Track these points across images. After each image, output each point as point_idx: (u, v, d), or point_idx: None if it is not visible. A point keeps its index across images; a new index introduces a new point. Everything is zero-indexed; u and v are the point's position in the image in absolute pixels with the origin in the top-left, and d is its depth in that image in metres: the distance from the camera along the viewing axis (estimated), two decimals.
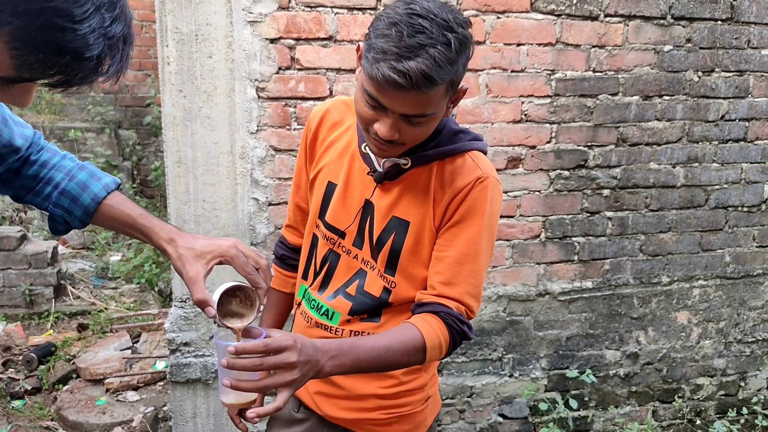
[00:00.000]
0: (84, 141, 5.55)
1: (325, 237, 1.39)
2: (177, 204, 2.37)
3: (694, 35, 2.74)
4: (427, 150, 1.26)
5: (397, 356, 1.18)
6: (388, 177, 1.30)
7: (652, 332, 2.96)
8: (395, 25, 1.06)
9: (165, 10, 2.23)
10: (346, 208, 1.35)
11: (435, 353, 1.22)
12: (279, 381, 1.03)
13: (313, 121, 1.42)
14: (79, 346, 3.54)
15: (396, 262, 1.31)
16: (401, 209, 1.29)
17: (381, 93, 1.10)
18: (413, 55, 1.04)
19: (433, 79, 1.05)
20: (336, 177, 1.36)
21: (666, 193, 2.86)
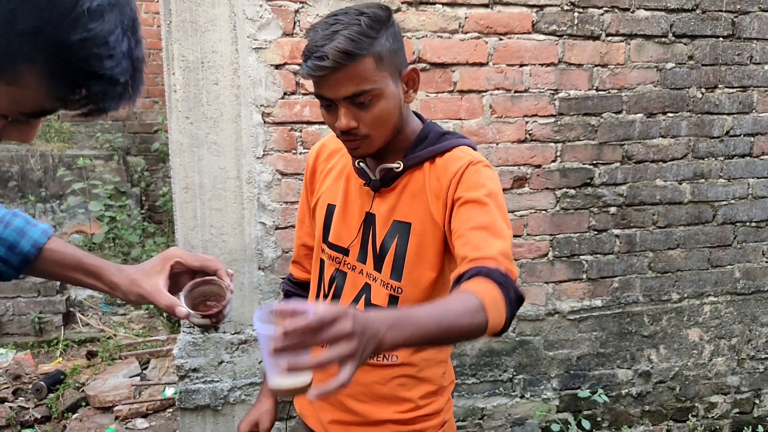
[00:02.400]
0: (93, 168, 5.60)
1: (331, 258, 1.40)
2: (185, 230, 2.38)
3: (696, 52, 2.75)
4: (417, 152, 1.31)
5: (458, 318, 1.01)
6: (384, 184, 1.33)
7: (663, 350, 2.93)
8: (313, 28, 1.20)
9: (171, 38, 2.26)
10: (347, 224, 1.37)
11: (495, 314, 1.05)
12: (339, 354, 0.88)
13: (310, 157, 1.50)
14: (88, 373, 3.53)
15: (402, 266, 1.31)
16: (401, 212, 1.32)
17: (319, 87, 1.20)
18: (329, 41, 1.15)
19: (350, 52, 1.14)
20: (334, 198, 1.40)
21: (673, 210, 2.85)
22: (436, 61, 2.49)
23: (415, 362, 1.37)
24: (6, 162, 5.61)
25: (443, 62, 2.50)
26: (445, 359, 1.44)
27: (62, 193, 5.57)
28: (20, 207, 5.59)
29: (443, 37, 2.48)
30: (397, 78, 1.25)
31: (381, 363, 1.35)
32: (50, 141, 5.84)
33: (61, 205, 5.48)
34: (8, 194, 5.64)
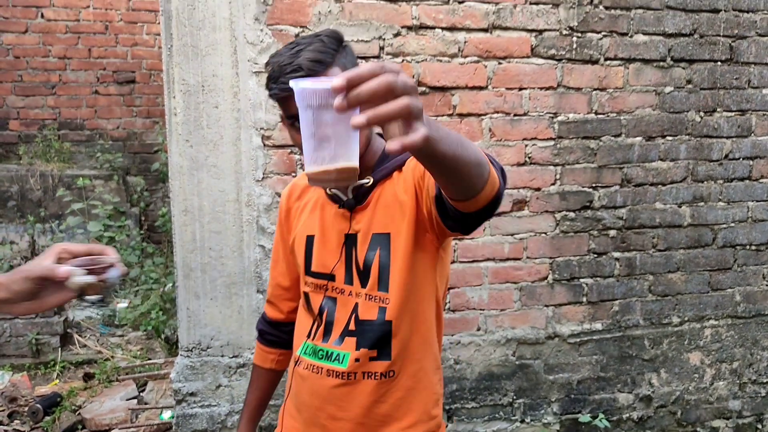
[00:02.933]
0: (92, 188, 5.60)
1: (316, 287, 1.40)
2: (183, 252, 2.37)
3: (694, 76, 2.77)
4: (383, 165, 1.34)
5: (469, 145, 0.95)
6: (358, 202, 1.34)
7: (664, 374, 2.91)
8: (275, 55, 1.24)
9: (172, 62, 2.27)
10: (328, 250, 1.37)
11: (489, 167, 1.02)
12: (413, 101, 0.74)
13: (283, 198, 1.52)
14: (84, 395, 3.50)
15: (387, 276, 1.31)
16: (378, 225, 1.33)
17: (293, 105, 1.14)
18: (296, 57, 1.19)
19: (320, 60, 1.19)
20: (312, 229, 1.41)
21: (673, 233, 2.85)
22: (436, 85, 2.50)
23: (414, 371, 1.36)
24: (5, 182, 5.62)
25: (443, 86, 2.51)
26: (439, 365, 1.44)
27: (61, 213, 5.56)
28: (19, 227, 5.59)
29: (443, 61, 2.50)
30: None
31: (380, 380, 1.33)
32: (50, 161, 5.84)
33: (60, 225, 5.47)
34: (7, 214, 5.63)
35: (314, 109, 0.80)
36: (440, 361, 1.45)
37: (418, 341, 1.36)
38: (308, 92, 0.80)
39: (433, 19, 2.47)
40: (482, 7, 2.50)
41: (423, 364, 1.38)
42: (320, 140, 0.81)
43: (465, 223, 1.12)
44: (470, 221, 1.11)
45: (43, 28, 5.98)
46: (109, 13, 6.10)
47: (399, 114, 0.73)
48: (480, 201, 1.04)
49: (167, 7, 2.26)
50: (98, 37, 6.12)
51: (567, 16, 2.59)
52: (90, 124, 6.21)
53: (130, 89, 6.25)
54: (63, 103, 6.12)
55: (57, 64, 6.05)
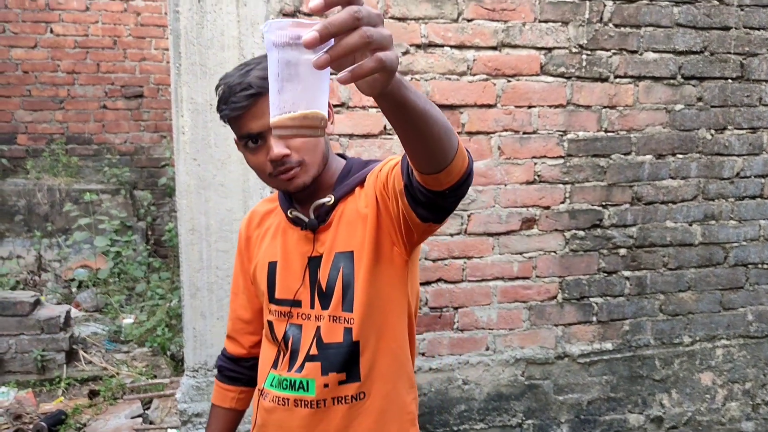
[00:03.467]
0: (99, 203, 5.61)
1: (280, 314, 1.34)
2: (190, 272, 2.36)
3: (705, 94, 2.75)
4: (345, 182, 1.31)
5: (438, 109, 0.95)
6: (321, 221, 1.31)
7: (675, 394, 2.87)
8: (225, 77, 1.22)
9: (180, 81, 2.27)
10: (291, 276, 1.33)
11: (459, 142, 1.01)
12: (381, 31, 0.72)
13: (242, 226, 1.48)
14: (89, 413, 3.48)
15: (351, 295, 1.27)
16: (341, 243, 1.29)
17: (246, 123, 1.20)
18: (246, 76, 1.18)
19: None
20: (274, 255, 1.37)
21: (684, 252, 2.81)
22: (445, 103, 2.49)
23: (386, 392, 1.31)
24: (13, 196, 5.63)
25: (451, 104, 2.50)
26: (413, 384, 1.39)
27: (68, 227, 5.57)
28: (26, 241, 5.59)
29: (451, 79, 2.49)
30: None
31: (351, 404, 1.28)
32: (58, 175, 5.86)
33: (66, 240, 5.48)
34: (14, 228, 5.64)
35: (280, 49, 0.76)
36: (414, 380, 1.40)
37: (389, 360, 1.31)
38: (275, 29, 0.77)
39: (442, 37, 2.46)
40: (491, 25, 2.50)
41: (395, 383, 1.33)
42: (285, 81, 0.77)
43: (436, 206, 1.09)
44: (442, 202, 1.08)
45: (52, 43, 6.02)
46: (118, 28, 6.15)
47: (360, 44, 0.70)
48: (452, 173, 1.01)
49: (176, 26, 2.26)
50: (107, 51, 6.16)
51: (576, 34, 2.58)
52: (98, 138, 6.23)
53: (138, 104, 6.28)
54: (71, 118, 6.15)
55: (65, 79, 6.09)
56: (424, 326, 2.59)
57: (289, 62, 0.76)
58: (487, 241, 2.60)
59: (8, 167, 5.99)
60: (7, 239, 5.64)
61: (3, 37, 5.90)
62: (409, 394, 1.37)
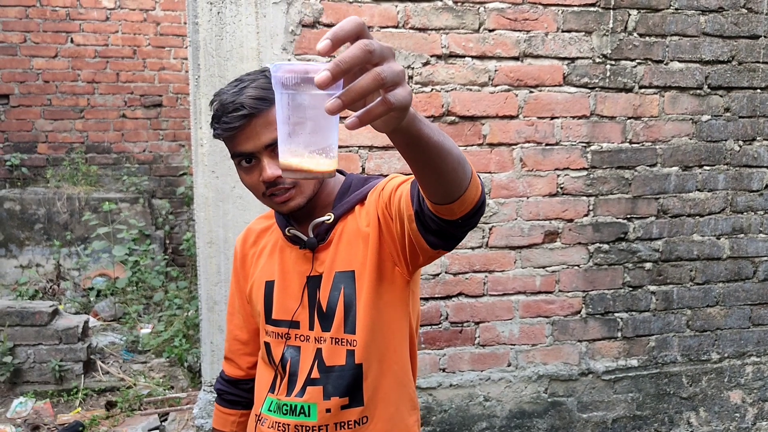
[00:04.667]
0: (118, 211, 5.63)
1: (277, 335, 1.30)
2: (208, 285, 2.33)
3: (732, 104, 2.68)
4: (344, 200, 1.28)
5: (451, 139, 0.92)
6: (320, 240, 1.27)
7: (703, 413, 2.79)
8: (219, 94, 1.18)
9: (199, 93, 2.25)
10: (289, 296, 1.29)
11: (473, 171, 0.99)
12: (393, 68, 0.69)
13: (238, 244, 1.44)
14: (106, 425, 3.46)
15: (353, 316, 1.23)
16: (341, 263, 1.25)
17: (239, 143, 1.17)
18: (239, 95, 1.14)
19: (263, 97, 1.14)
20: (271, 274, 1.32)
21: (711, 266, 2.74)
22: (466, 114, 2.45)
23: (389, 415, 1.28)
24: (33, 204, 5.67)
25: (472, 115, 2.46)
26: (415, 405, 1.35)
27: (87, 236, 5.59)
28: (45, 249, 5.62)
29: (473, 90, 2.45)
30: None
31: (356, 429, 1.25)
32: (77, 184, 5.89)
33: (85, 249, 5.50)
34: (34, 237, 5.68)
35: (290, 90, 0.75)
36: (417, 401, 1.36)
37: (392, 382, 1.28)
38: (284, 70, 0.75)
39: (463, 47, 2.42)
40: (513, 35, 2.45)
41: (398, 406, 1.30)
42: (295, 125, 0.75)
43: (448, 235, 1.06)
44: (454, 231, 1.05)
45: (73, 53, 6.06)
46: (138, 37, 6.18)
47: (373, 86, 0.68)
48: (466, 203, 0.98)
49: (195, 37, 2.24)
50: (126, 61, 6.19)
51: (600, 43, 2.53)
52: (117, 147, 6.26)
53: (157, 113, 6.30)
54: (91, 127, 6.18)
55: (85, 88, 6.12)
56: (444, 341, 2.54)
57: (299, 105, 0.74)
58: (509, 254, 2.55)
59: (29, 176, 6.03)
60: (27, 247, 5.67)
61: (24, 47, 5.95)
62: (412, 415, 1.34)
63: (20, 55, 5.95)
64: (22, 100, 6.01)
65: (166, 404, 3.59)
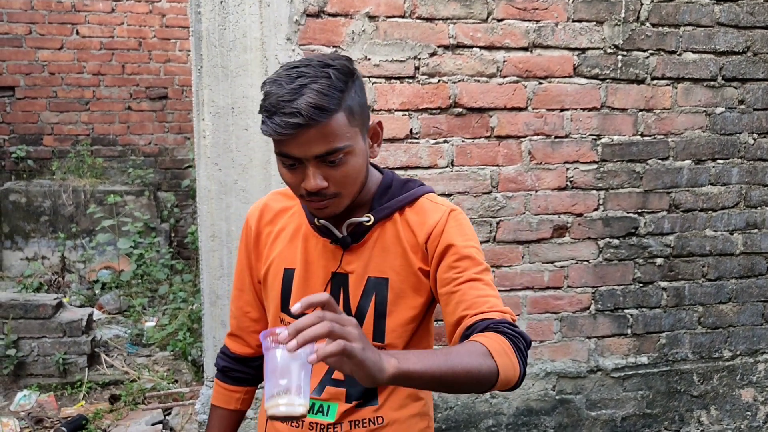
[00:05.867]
0: (123, 204, 5.60)
1: None
2: (210, 279, 2.30)
3: (747, 96, 2.62)
4: (383, 203, 1.23)
5: (463, 359, 0.98)
6: (354, 240, 1.23)
7: (714, 411, 2.74)
8: (275, 82, 1.08)
9: (202, 84, 2.21)
10: (310, 288, 1.25)
11: (505, 359, 1.03)
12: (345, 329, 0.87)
13: (251, 218, 1.35)
14: (110, 418, 3.44)
15: (383, 326, 1.21)
16: (375, 268, 1.22)
17: (287, 146, 1.08)
18: (297, 96, 1.05)
19: (323, 107, 1.05)
20: (292, 262, 1.27)
21: (724, 262, 2.69)
22: (473, 106, 2.40)
23: (402, 419, 1.26)
24: (39, 197, 5.66)
25: (480, 107, 2.41)
26: (427, 411, 1.33)
27: (92, 228, 5.58)
28: (51, 242, 5.61)
29: (480, 81, 2.39)
30: (365, 133, 1.17)
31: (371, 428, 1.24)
32: (83, 176, 5.87)
33: (90, 241, 5.48)
34: (40, 229, 5.67)
35: (266, 352, 0.93)
36: (431, 410, 1.36)
37: (408, 390, 1.27)
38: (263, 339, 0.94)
39: (471, 37, 2.37)
40: (522, 25, 2.40)
41: (411, 411, 1.29)
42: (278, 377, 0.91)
43: None
44: None
45: (78, 45, 6.04)
46: (143, 29, 6.14)
47: (321, 332, 0.85)
48: (499, 388, 1.05)
49: (197, 27, 2.20)
50: (132, 53, 6.16)
51: (612, 33, 2.47)
52: (122, 140, 6.24)
53: (163, 105, 6.27)
54: (96, 119, 6.16)
55: (91, 81, 6.10)
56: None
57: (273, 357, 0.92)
58: (516, 249, 2.50)
59: (34, 168, 6.02)
60: (33, 240, 5.66)
61: (30, 39, 5.93)
62: (423, 420, 1.32)
63: (26, 47, 5.93)
64: (28, 92, 5.99)
65: (170, 398, 3.57)
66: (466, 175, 2.42)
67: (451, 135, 2.39)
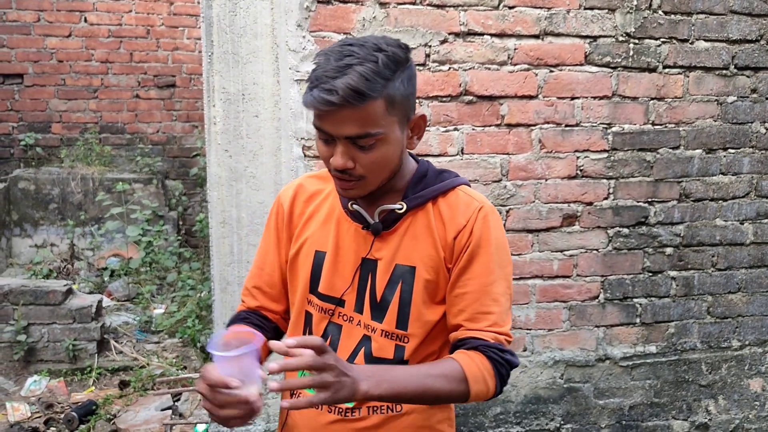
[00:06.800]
0: (132, 192, 5.62)
1: (321, 309, 1.28)
2: (221, 266, 2.31)
3: (759, 85, 2.60)
4: (417, 191, 1.23)
5: (437, 382, 1.12)
6: (385, 227, 1.23)
7: (722, 401, 2.74)
8: (326, 55, 1.10)
9: (212, 70, 2.21)
10: (339, 273, 1.26)
11: (480, 386, 1.16)
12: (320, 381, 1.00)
13: (284, 198, 1.35)
14: (120, 404, 3.47)
15: (407, 313, 1.22)
16: (403, 255, 1.23)
17: (323, 120, 1.10)
18: (340, 75, 1.06)
19: (361, 92, 1.05)
20: (323, 245, 1.28)
21: (734, 251, 2.68)
22: (484, 94, 2.39)
23: (421, 408, 1.27)
24: (47, 184, 5.68)
25: (491, 95, 2.40)
26: (448, 404, 1.34)
27: (101, 216, 5.60)
28: (60, 229, 5.64)
29: (491, 69, 2.39)
30: (404, 124, 1.17)
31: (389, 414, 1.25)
32: (91, 164, 5.89)
33: (99, 229, 5.50)
34: (48, 216, 5.69)
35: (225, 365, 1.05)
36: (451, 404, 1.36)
37: None
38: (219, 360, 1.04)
39: (482, 25, 2.36)
40: (534, 12, 2.38)
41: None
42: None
43: None
44: None
45: (86, 33, 6.04)
46: (151, 17, 6.14)
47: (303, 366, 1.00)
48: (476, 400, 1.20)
49: (208, 13, 2.19)
50: (140, 41, 6.16)
51: (624, 21, 2.45)
52: (130, 128, 6.25)
53: (170, 93, 6.27)
54: (104, 107, 6.17)
55: (99, 68, 6.10)
56: None
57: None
58: (526, 237, 2.50)
59: (43, 156, 6.03)
60: (42, 227, 5.69)
61: (38, 26, 5.93)
62: (443, 411, 1.33)
63: (34, 35, 5.93)
64: (36, 79, 6.00)
65: (179, 384, 3.59)
66: (476, 164, 2.42)
67: (462, 123, 2.39)
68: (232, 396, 1.02)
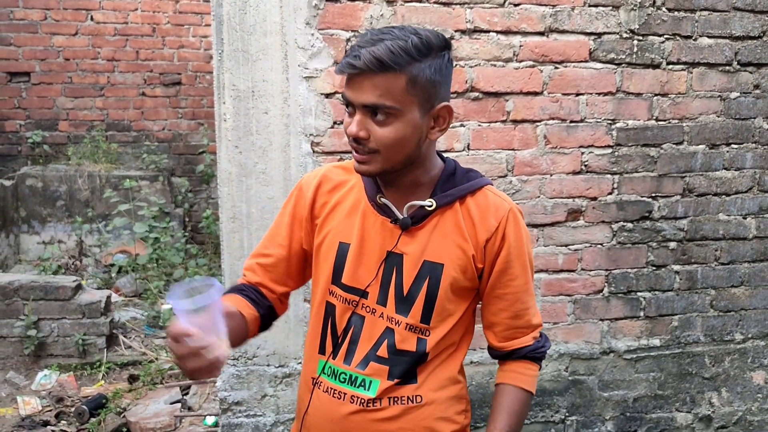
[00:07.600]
0: (138, 189, 5.67)
1: (345, 300, 1.30)
2: (231, 260, 2.34)
3: (762, 81, 2.63)
4: (446, 189, 1.27)
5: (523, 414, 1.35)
6: (413, 222, 1.26)
7: (725, 393, 2.77)
8: (366, 32, 1.17)
9: (223, 68, 2.24)
10: (364, 265, 1.28)
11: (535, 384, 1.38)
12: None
13: (308, 186, 1.35)
14: (129, 398, 3.52)
15: (432, 308, 1.26)
16: (432, 252, 1.25)
17: (347, 86, 1.17)
18: (370, 45, 1.12)
19: (383, 61, 1.10)
20: (348, 236, 1.29)
21: (737, 246, 2.71)
22: (489, 90, 2.42)
23: (440, 400, 1.30)
24: (55, 181, 5.73)
25: (496, 91, 2.43)
26: (464, 395, 1.38)
27: (108, 213, 5.64)
28: (67, 226, 5.69)
29: (497, 66, 2.42)
30: (426, 110, 1.18)
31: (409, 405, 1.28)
32: (98, 161, 5.94)
33: (106, 225, 5.55)
34: (56, 213, 5.74)
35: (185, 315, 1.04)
36: (467, 395, 1.40)
37: (448, 374, 1.33)
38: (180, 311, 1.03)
39: (488, 22, 2.39)
40: (539, 9, 2.41)
41: (450, 393, 1.33)
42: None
43: None
44: None
45: (93, 31, 6.08)
46: (157, 15, 6.18)
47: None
48: None
49: (218, 11, 2.23)
50: (146, 39, 6.20)
51: (628, 18, 2.48)
52: (137, 125, 6.30)
53: (176, 91, 6.31)
54: (111, 105, 6.22)
55: (105, 66, 6.15)
56: None
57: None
58: (531, 232, 2.53)
59: (50, 153, 6.08)
60: (49, 224, 5.74)
61: (45, 24, 5.98)
62: (460, 403, 1.36)
63: (41, 33, 5.98)
64: (43, 77, 6.05)
65: (188, 381, 3.64)
66: (482, 159, 2.45)
67: (468, 119, 2.42)
68: (193, 346, 0.99)
